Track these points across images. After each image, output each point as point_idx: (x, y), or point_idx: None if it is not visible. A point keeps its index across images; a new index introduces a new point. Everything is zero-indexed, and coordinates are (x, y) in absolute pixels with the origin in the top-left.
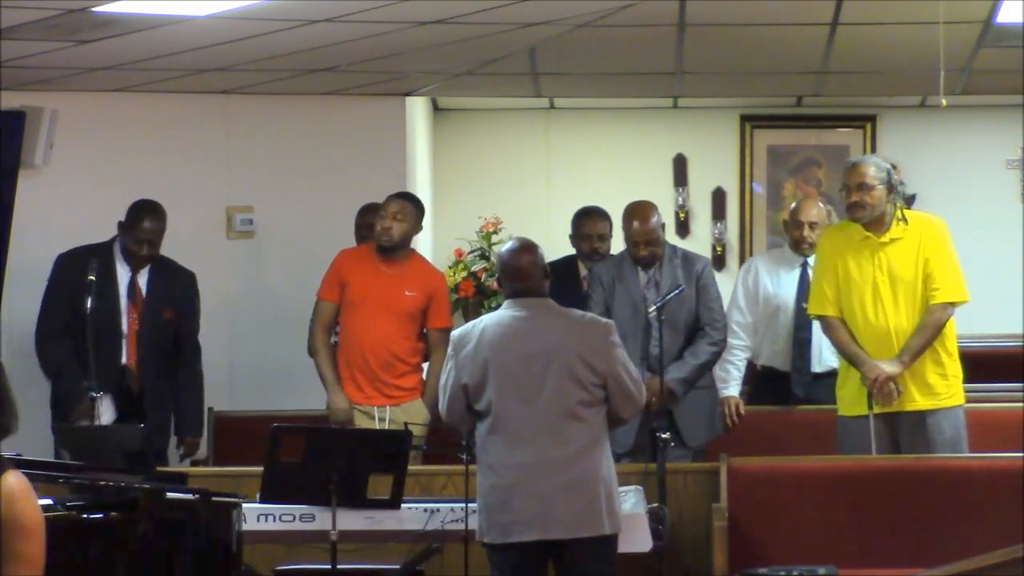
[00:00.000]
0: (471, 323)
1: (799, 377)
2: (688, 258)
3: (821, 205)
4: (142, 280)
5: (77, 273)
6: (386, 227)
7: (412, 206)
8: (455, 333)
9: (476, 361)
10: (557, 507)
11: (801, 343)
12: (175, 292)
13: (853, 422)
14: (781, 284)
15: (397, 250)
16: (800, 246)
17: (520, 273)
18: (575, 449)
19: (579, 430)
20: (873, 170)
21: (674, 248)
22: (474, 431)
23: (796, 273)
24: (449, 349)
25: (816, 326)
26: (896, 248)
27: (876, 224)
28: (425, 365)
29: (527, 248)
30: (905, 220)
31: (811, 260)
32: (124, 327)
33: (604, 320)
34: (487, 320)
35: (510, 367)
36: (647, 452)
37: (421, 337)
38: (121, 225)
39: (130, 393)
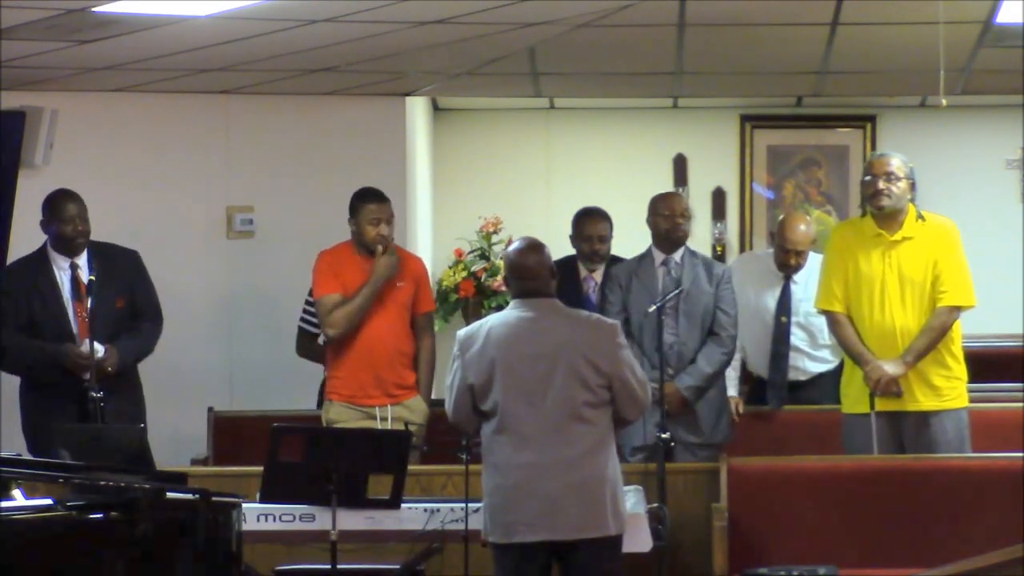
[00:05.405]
0: (477, 323)
1: (774, 391)
2: (709, 262)
3: (810, 218)
4: (83, 274)
5: (26, 279)
6: (385, 234)
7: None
8: (461, 333)
9: (482, 361)
10: (563, 508)
11: (778, 356)
12: (121, 277)
13: (857, 420)
14: (763, 296)
15: None
16: (784, 268)
17: (527, 273)
18: (581, 450)
19: (585, 431)
20: (900, 163)
21: (694, 252)
22: (479, 431)
23: (778, 288)
24: (455, 349)
25: (794, 339)
26: (907, 247)
27: (889, 222)
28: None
29: (534, 248)
30: (922, 218)
31: (796, 276)
32: (74, 327)
33: (610, 321)
34: (493, 320)
35: (516, 367)
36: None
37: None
38: (44, 224)
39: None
